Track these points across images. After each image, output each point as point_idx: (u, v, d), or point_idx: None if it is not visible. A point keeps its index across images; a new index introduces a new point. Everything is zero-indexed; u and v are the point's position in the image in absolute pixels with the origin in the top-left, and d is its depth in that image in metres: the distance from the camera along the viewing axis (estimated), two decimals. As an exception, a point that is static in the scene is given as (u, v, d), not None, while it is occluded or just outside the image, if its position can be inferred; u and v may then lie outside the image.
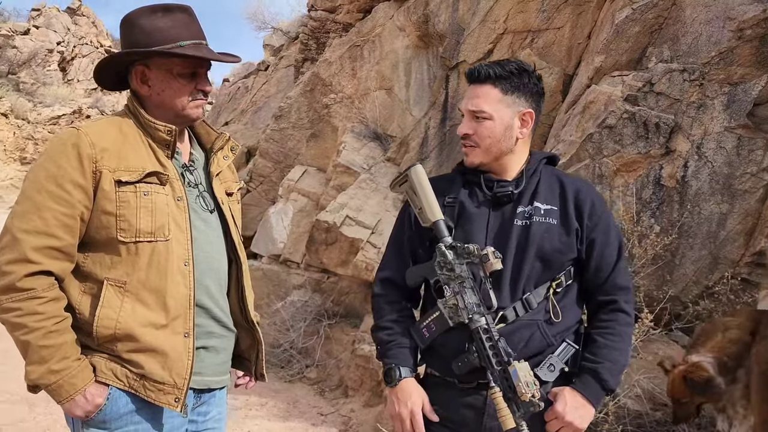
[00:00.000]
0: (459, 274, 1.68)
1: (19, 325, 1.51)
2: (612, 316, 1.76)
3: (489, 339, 1.62)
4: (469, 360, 1.66)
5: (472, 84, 1.79)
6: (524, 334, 1.68)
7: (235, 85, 12.32)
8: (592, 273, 1.77)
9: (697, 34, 4.27)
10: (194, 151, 1.88)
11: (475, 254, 1.66)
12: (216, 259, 1.78)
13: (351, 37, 7.63)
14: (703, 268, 4.15)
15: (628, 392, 3.43)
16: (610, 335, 1.73)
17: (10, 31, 20.78)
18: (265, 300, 6.87)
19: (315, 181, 7.63)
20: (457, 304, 1.67)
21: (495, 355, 1.61)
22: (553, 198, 1.77)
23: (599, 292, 1.78)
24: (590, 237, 1.75)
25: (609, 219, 1.81)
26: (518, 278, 1.70)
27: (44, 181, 1.56)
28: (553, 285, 1.73)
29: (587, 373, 1.70)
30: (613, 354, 1.72)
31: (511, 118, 1.75)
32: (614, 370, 1.71)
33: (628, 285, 1.80)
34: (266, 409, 5.18)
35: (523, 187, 1.77)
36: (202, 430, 1.81)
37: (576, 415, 1.65)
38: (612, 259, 1.76)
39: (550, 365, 1.68)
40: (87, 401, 1.54)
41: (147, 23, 1.69)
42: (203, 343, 1.73)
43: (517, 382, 1.57)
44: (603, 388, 1.70)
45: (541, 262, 1.71)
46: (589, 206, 1.76)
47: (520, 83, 1.76)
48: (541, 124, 5.46)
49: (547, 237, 1.71)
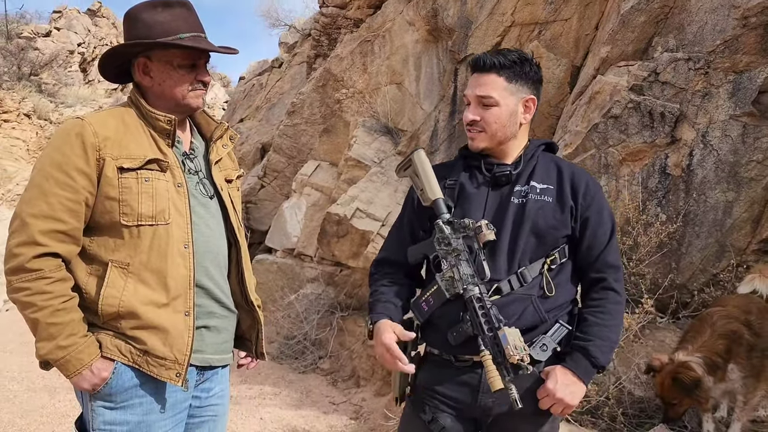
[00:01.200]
0: (455, 248, 1.75)
1: (29, 303, 1.61)
2: (602, 294, 1.82)
3: (482, 307, 1.68)
4: (463, 329, 1.72)
5: (476, 73, 1.86)
6: (518, 307, 1.74)
7: (249, 83, 12.46)
8: (584, 250, 1.84)
9: (702, 23, 4.27)
10: (194, 140, 1.96)
11: (470, 227, 1.75)
12: (215, 242, 1.87)
13: (362, 32, 7.70)
14: (709, 256, 4.15)
15: (629, 374, 3.46)
16: (600, 313, 1.79)
17: (32, 33, 21.16)
18: (279, 293, 6.98)
19: (328, 175, 7.72)
20: (453, 276, 1.74)
21: (486, 322, 1.67)
22: (549, 178, 1.86)
23: (590, 269, 1.84)
24: (584, 215, 1.83)
25: (602, 200, 1.88)
26: (514, 252, 1.78)
27: (50, 168, 1.66)
28: (547, 261, 1.79)
29: (577, 351, 1.76)
30: (603, 331, 1.77)
31: (516, 105, 1.84)
32: (604, 348, 1.76)
33: (618, 264, 1.86)
34: (279, 399, 5.29)
35: (521, 168, 1.86)
36: (206, 405, 1.90)
37: (567, 391, 1.70)
38: (604, 239, 1.83)
39: (543, 345, 1.74)
40: (93, 375, 1.64)
41: (148, 17, 1.77)
42: (204, 323, 1.81)
43: (506, 345, 1.62)
44: (593, 365, 1.75)
45: (536, 237, 1.78)
46: (584, 187, 1.84)
47: (522, 71, 1.84)
48: (549, 115, 5.50)
49: (541, 213, 1.79)
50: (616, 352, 3.60)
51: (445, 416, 1.81)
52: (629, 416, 3.41)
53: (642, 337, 3.68)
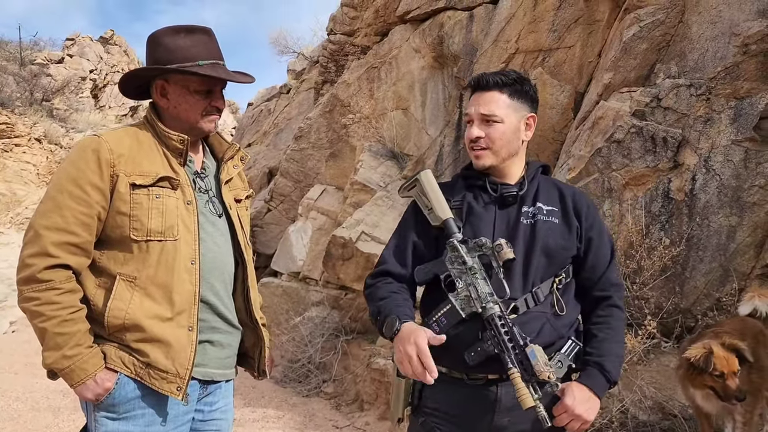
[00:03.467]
0: (471, 266, 1.75)
1: (38, 313, 1.65)
2: (608, 312, 1.85)
3: (503, 325, 1.66)
4: (482, 349, 1.69)
5: (478, 91, 1.90)
6: (535, 325, 1.75)
7: (258, 108, 12.62)
8: (588, 270, 1.87)
9: (703, 50, 4.34)
10: (206, 160, 2.02)
11: (487, 246, 1.75)
12: (222, 259, 1.91)
13: (369, 59, 7.83)
14: (713, 281, 4.16)
15: (633, 398, 3.44)
16: (608, 329, 1.82)
17: (45, 59, 21.56)
18: (284, 316, 6.99)
19: (334, 199, 7.78)
20: (469, 295, 1.72)
21: (510, 340, 1.65)
22: (553, 200, 1.89)
23: (595, 288, 1.87)
24: (588, 236, 1.87)
25: (601, 221, 1.94)
26: (528, 271, 1.79)
27: (65, 182, 1.72)
28: (556, 280, 1.81)
29: (592, 367, 1.77)
30: (614, 347, 1.80)
31: (518, 122, 1.88)
32: (615, 363, 1.79)
33: (620, 282, 1.91)
34: (283, 422, 5.27)
35: (526, 190, 1.89)
36: (209, 419, 1.92)
37: (584, 407, 1.70)
38: (606, 259, 1.87)
39: (559, 362, 1.73)
40: (97, 385, 1.67)
41: (170, 42, 1.85)
42: (208, 337, 1.85)
43: (535, 362, 1.61)
44: (607, 380, 1.76)
45: (546, 257, 1.80)
46: (585, 208, 1.89)
47: (523, 90, 1.89)
48: (553, 140, 5.55)
49: (551, 234, 1.82)
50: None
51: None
52: (633, 440, 3.39)
53: (646, 362, 3.67)
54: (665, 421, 3.60)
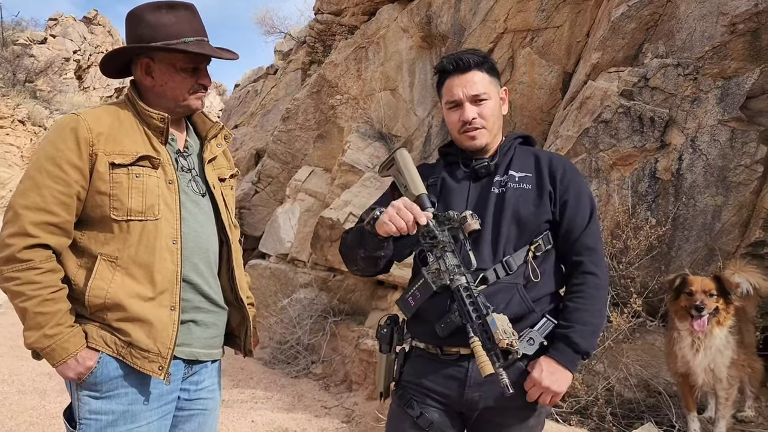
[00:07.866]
0: (441, 240, 1.75)
1: (18, 293, 1.63)
2: (581, 279, 1.83)
3: (469, 296, 1.68)
4: (451, 320, 1.72)
5: (457, 74, 1.90)
6: (504, 296, 1.75)
7: (244, 89, 12.50)
8: (563, 234, 1.86)
9: (691, 30, 4.33)
10: (189, 138, 1.99)
11: (454, 219, 1.76)
12: (205, 239, 1.88)
13: (356, 39, 7.76)
14: (699, 260, 4.19)
15: (619, 375, 3.48)
16: (579, 298, 1.80)
17: (27, 40, 21.19)
18: (273, 298, 6.99)
19: (322, 181, 7.75)
20: (439, 268, 1.75)
21: (474, 310, 1.67)
22: (527, 166, 1.90)
23: (570, 253, 1.86)
24: (562, 199, 1.85)
25: (581, 185, 1.90)
26: (497, 241, 1.80)
27: (44, 161, 1.68)
28: (531, 248, 1.81)
29: (559, 340, 1.77)
30: (584, 316, 1.78)
31: (498, 97, 1.94)
32: (585, 333, 1.77)
33: (596, 246, 1.86)
34: (272, 402, 5.29)
35: (499, 160, 1.91)
36: (195, 398, 1.91)
37: (552, 379, 1.72)
38: (583, 222, 1.85)
39: (530, 339, 1.75)
40: (78, 364, 1.66)
41: (152, 18, 1.81)
42: (192, 317, 1.83)
43: (495, 330, 1.62)
44: (576, 351, 1.76)
45: (517, 225, 1.81)
46: (561, 171, 1.88)
47: (493, 66, 1.94)
48: (541, 121, 5.55)
49: (521, 201, 1.82)
50: (604, 353, 3.62)
51: (432, 411, 1.82)
52: (618, 416, 3.43)
53: (632, 340, 3.70)
54: (650, 399, 3.64)
